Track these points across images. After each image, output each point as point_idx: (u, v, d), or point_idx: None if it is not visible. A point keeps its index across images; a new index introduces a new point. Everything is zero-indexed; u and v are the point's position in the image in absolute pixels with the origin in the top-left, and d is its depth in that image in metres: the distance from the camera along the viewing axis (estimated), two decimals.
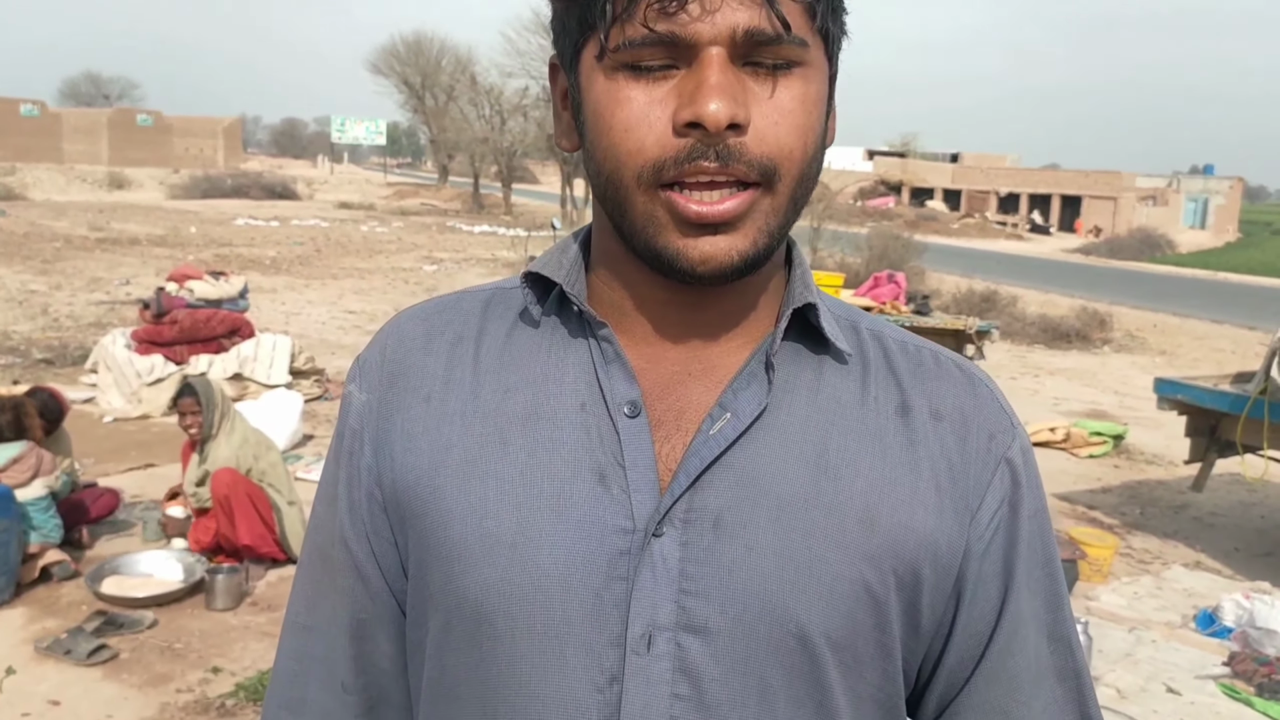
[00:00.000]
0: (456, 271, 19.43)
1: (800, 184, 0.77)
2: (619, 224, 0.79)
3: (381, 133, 69.23)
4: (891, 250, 17.31)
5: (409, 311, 0.93)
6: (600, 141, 0.77)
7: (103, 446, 6.83)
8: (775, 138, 0.74)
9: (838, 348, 0.84)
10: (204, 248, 21.22)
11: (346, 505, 0.89)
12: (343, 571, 0.90)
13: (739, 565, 0.78)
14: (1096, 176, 49.65)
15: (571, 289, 0.84)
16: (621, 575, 0.78)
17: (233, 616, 4.48)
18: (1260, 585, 5.22)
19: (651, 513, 0.78)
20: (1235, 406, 6.02)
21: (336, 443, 0.91)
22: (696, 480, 0.79)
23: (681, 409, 0.82)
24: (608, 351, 0.83)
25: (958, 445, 0.84)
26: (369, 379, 0.90)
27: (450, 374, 0.86)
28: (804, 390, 0.84)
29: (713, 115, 0.71)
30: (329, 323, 12.67)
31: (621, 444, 0.80)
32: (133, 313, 10.78)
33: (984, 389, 0.88)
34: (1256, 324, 17.25)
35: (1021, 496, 0.86)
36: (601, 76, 0.76)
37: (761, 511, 0.79)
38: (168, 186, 42.24)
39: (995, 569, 0.85)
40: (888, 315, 8.17)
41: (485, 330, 0.88)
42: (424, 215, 36.56)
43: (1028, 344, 14.00)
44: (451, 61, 50.04)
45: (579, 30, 0.77)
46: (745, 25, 0.71)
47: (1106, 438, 8.52)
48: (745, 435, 0.80)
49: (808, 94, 0.76)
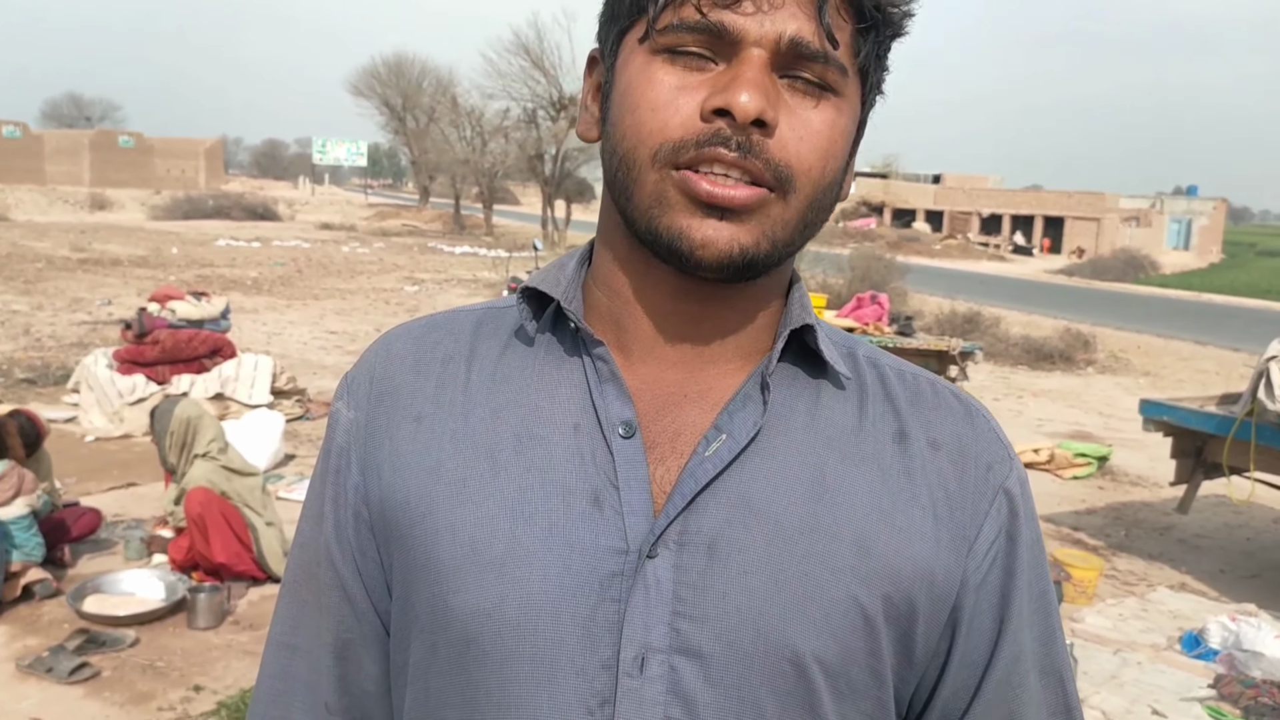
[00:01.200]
0: (438, 292, 19.40)
1: (812, 206, 0.77)
2: (624, 207, 0.78)
3: (362, 154, 69.33)
4: (874, 271, 17.38)
5: (399, 329, 0.92)
6: (624, 120, 0.77)
7: (84, 466, 6.78)
8: (797, 150, 0.74)
9: (835, 371, 0.84)
10: (185, 268, 21.14)
11: (333, 524, 0.88)
12: (328, 591, 0.88)
13: (733, 589, 0.77)
14: (1079, 197, 50.06)
15: (568, 305, 0.83)
16: (614, 597, 0.77)
17: (215, 635, 4.44)
18: (1246, 607, 5.23)
19: (645, 534, 0.77)
20: (1222, 428, 6.04)
21: (323, 460, 0.90)
22: (691, 503, 0.78)
23: (677, 431, 0.81)
24: (603, 371, 0.82)
25: (955, 475, 0.84)
26: (357, 397, 0.88)
27: (440, 394, 0.85)
28: (801, 414, 0.83)
29: (742, 105, 0.71)
30: (310, 343, 12.62)
31: (615, 465, 0.79)
32: (115, 333, 10.72)
33: (981, 419, 0.88)
34: (1241, 345, 17.36)
35: (1019, 527, 0.85)
36: (639, 59, 0.76)
37: (756, 535, 0.78)
38: (149, 207, 42.14)
39: (992, 600, 0.84)
40: (870, 336, 8.19)
41: (477, 350, 0.87)
42: (405, 236, 36.53)
43: (1011, 365, 14.06)
44: (432, 83, 50.19)
45: (629, 14, 0.77)
46: (792, 34, 0.72)
47: (1091, 459, 8.55)
48: (741, 458, 0.80)
49: (837, 123, 0.76)
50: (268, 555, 4.94)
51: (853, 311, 9.15)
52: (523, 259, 20.31)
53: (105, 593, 4.67)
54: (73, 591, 4.61)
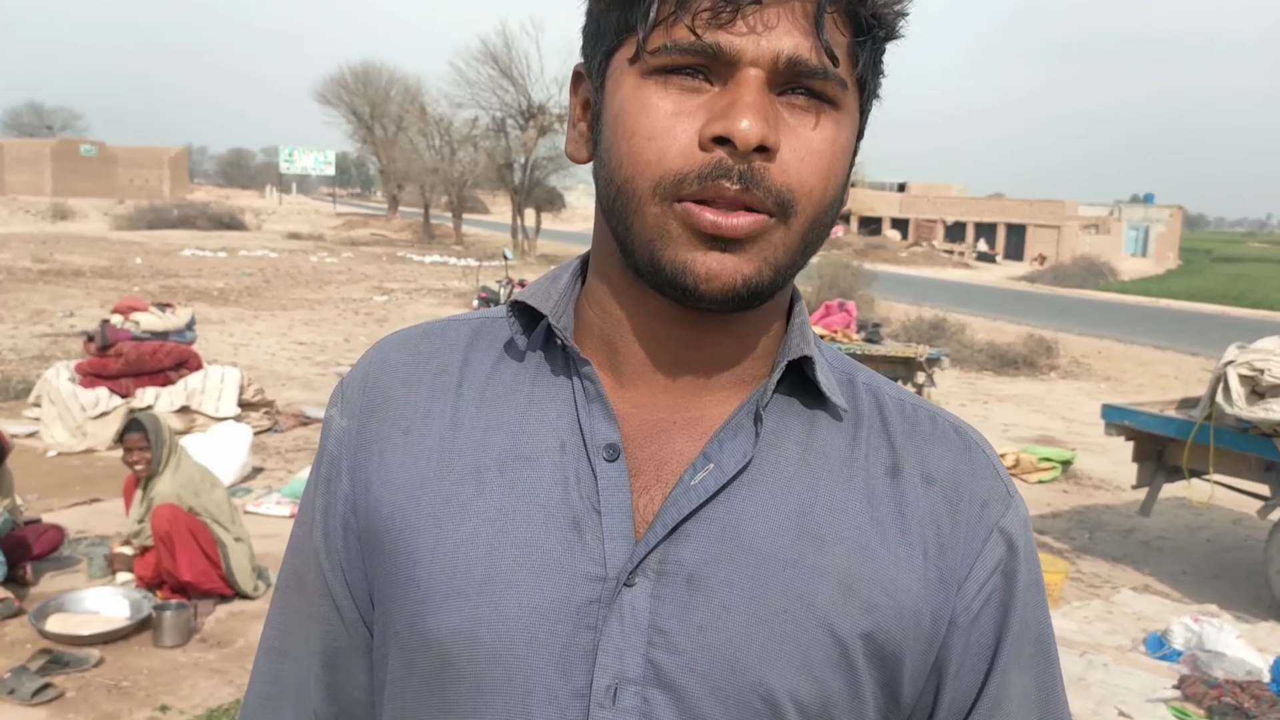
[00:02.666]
0: (407, 302, 19.30)
1: (813, 227, 0.75)
2: (623, 237, 0.76)
3: (330, 163, 68.90)
4: (842, 279, 17.48)
5: (395, 337, 0.91)
6: (619, 148, 0.74)
7: (46, 482, 6.68)
8: (799, 172, 0.72)
9: (833, 403, 0.82)
10: (150, 279, 20.89)
11: (322, 532, 0.87)
12: (317, 599, 0.88)
13: (710, 623, 0.75)
14: (1040, 205, 50.54)
15: (558, 322, 0.82)
16: (589, 624, 0.75)
17: (181, 653, 4.39)
18: (1208, 608, 5.31)
19: (624, 562, 0.76)
20: (1181, 432, 6.14)
21: (316, 467, 0.89)
22: (673, 532, 0.76)
23: (664, 459, 0.80)
24: (590, 391, 0.80)
25: (948, 512, 0.81)
26: (350, 404, 0.87)
27: (431, 406, 0.84)
28: (792, 445, 0.81)
29: (744, 133, 0.69)
30: (278, 354, 12.51)
31: (598, 489, 0.78)
32: (77, 345, 10.57)
33: (980, 455, 0.85)
34: (1198, 350, 17.60)
35: (1016, 567, 0.82)
36: (631, 81, 0.74)
37: (738, 569, 0.76)
38: (112, 217, 41.58)
39: (984, 641, 0.82)
40: (839, 344, 8.24)
41: (470, 362, 0.85)
42: (374, 245, 36.32)
43: (976, 371, 14.19)
44: (400, 92, 49.92)
45: (615, 33, 0.75)
46: (790, 52, 0.70)
47: (1055, 463, 8.64)
48: (727, 489, 0.78)
49: (838, 139, 0.74)
50: (236, 572, 4.90)
51: (821, 319, 9.21)
52: (493, 268, 20.22)
53: (69, 611, 4.60)
54: (35, 611, 4.54)
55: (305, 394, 10.02)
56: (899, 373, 8.35)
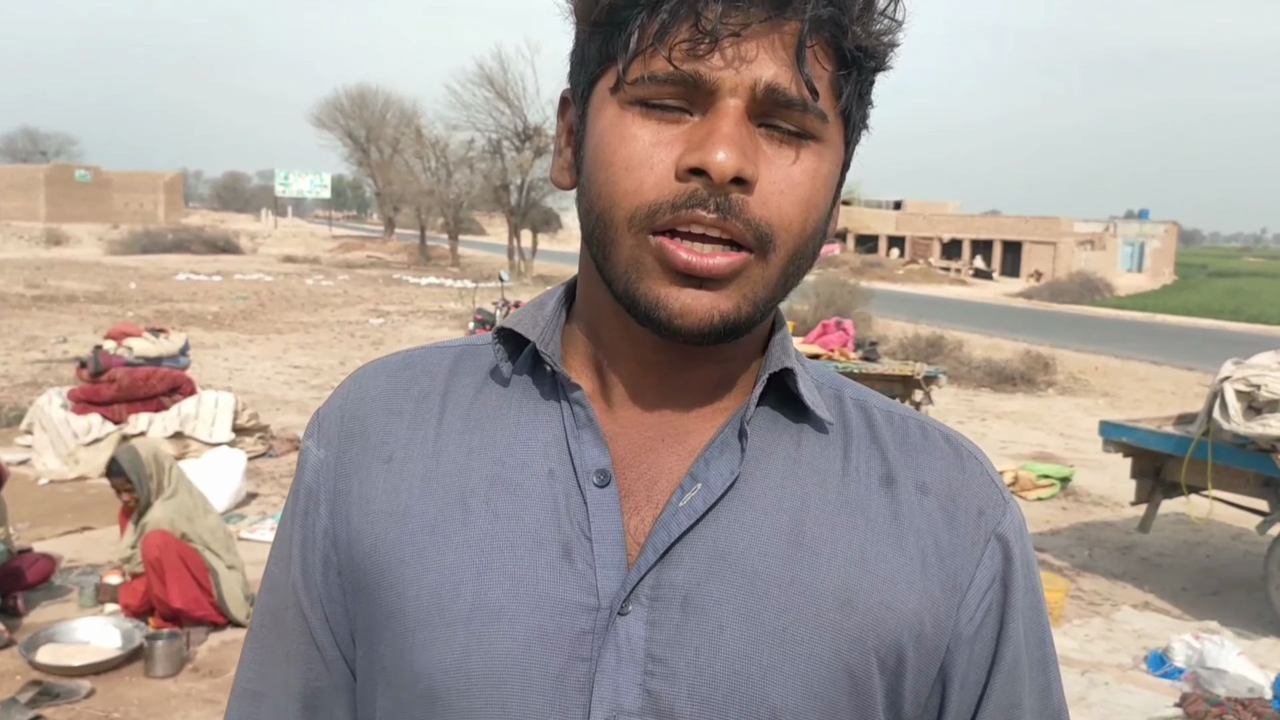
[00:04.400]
0: (403, 324, 19.29)
1: (794, 260, 0.74)
2: (602, 267, 0.76)
3: (326, 186, 69.09)
4: (838, 297, 17.50)
5: (373, 365, 0.89)
6: (597, 177, 0.74)
7: (38, 510, 6.64)
8: (778, 205, 0.71)
9: (817, 415, 0.81)
10: (144, 304, 20.89)
11: (300, 568, 0.84)
12: (296, 637, 0.85)
13: (708, 645, 0.74)
14: (1036, 222, 50.73)
15: (545, 347, 0.81)
16: (584, 656, 0.73)
17: (173, 683, 4.35)
18: (1209, 625, 5.28)
19: (617, 590, 0.74)
20: (1179, 448, 6.12)
21: (292, 500, 0.87)
22: (665, 555, 0.75)
23: (653, 479, 0.78)
24: (580, 416, 0.79)
25: (945, 521, 0.80)
26: (328, 435, 0.85)
27: (413, 434, 0.82)
28: (780, 460, 0.80)
29: (719, 164, 0.68)
30: (273, 378, 12.49)
31: (589, 515, 0.76)
32: (69, 371, 10.53)
33: (973, 462, 0.84)
34: (1195, 365, 17.61)
35: (1014, 574, 0.82)
36: (611, 111, 0.73)
37: (732, 588, 0.75)
38: (107, 242, 41.65)
39: (987, 651, 0.81)
40: (836, 363, 8.23)
41: (452, 388, 0.84)
42: (370, 268, 36.36)
43: (974, 388, 14.19)
44: (396, 114, 50.09)
45: (598, 61, 0.74)
46: (769, 82, 0.69)
47: (1054, 480, 8.63)
48: (717, 507, 0.76)
49: (819, 171, 0.73)
50: (229, 600, 4.85)
51: (818, 338, 9.20)
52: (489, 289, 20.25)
53: (59, 642, 4.56)
54: (25, 642, 4.49)
55: (300, 418, 9.99)
56: (897, 391, 8.34)
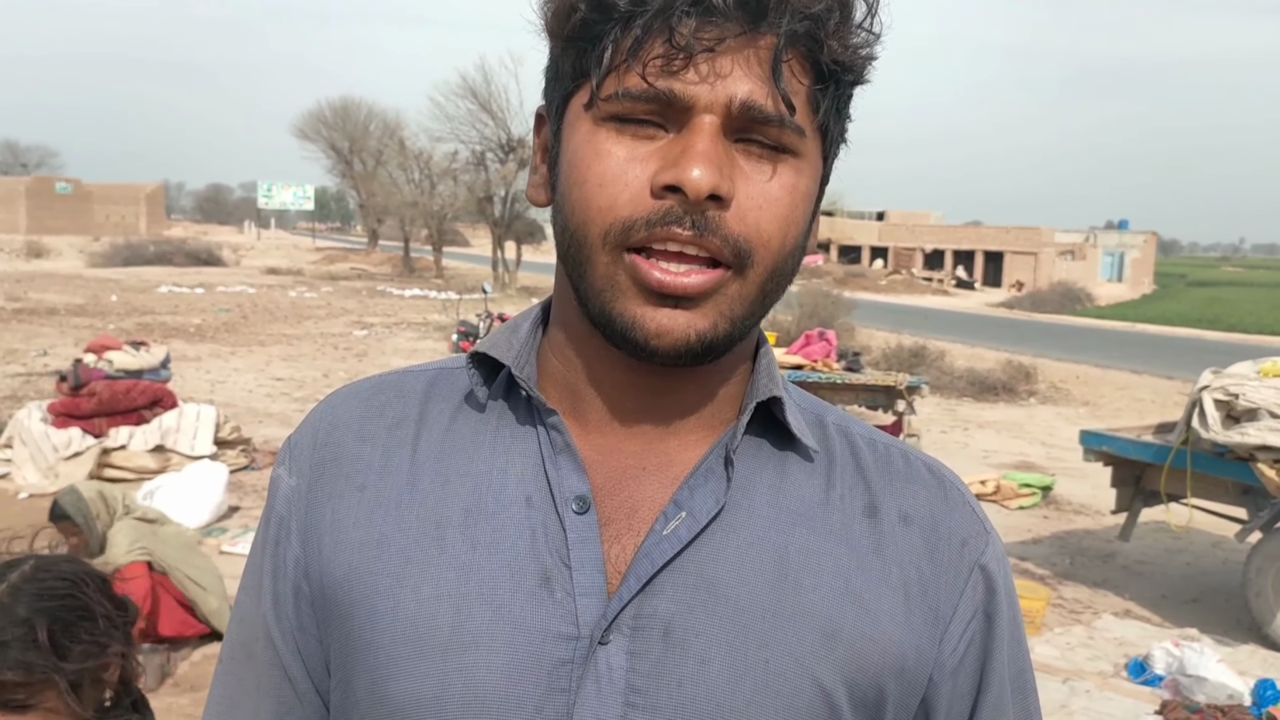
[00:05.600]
0: (387, 336, 19.24)
1: (773, 277, 0.73)
2: (578, 286, 0.74)
3: (309, 198, 68.93)
4: (822, 307, 17.54)
5: (346, 390, 0.88)
6: (572, 194, 0.73)
7: (17, 524, 6.54)
8: (756, 221, 0.70)
9: (803, 444, 0.80)
10: (125, 316, 20.77)
11: (271, 599, 0.82)
12: (267, 670, 0.83)
13: (690, 678, 0.72)
14: (1017, 233, 51.00)
15: (520, 371, 0.79)
16: (563, 687, 0.72)
17: (154, 699, 4.22)
18: (1189, 632, 5.30)
19: (597, 619, 0.73)
20: (1159, 457, 6.16)
21: (263, 529, 0.85)
22: (647, 584, 0.73)
23: (634, 506, 0.77)
24: (557, 441, 0.77)
25: (928, 551, 0.80)
26: (299, 462, 0.83)
27: (387, 461, 0.80)
28: (765, 489, 0.78)
29: (694, 181, 0.67)
30: (256, 390, 12.43)
31: (568, 543, 0.75)
32: (49, 385, 10.47)
33: (955, 493, 0.84)
34: (1174, 373, 17.72)
35: (997, 605, 0.81)
36: (585, 127, 0.72)
37: (716, 620, 0.74)
38: (88, 255, 41.41)
39: (970, 683, 0.80)
40: (820, 373, 8.25)
41: (427, 414, 0.82)
42: (353, 280, 36.26)
43: (956, 397, 14.24)
44: (379, 126, 50.10)
45: (572, 77, 0.73)
46: (744, 98, 0.68)
47: (1035, 489, 8.67)
48: (701, 536, 0.75)
49: (797, 186, 0.73)
50: (211, 618, 4.82)
51: (801, 349, 9.21)
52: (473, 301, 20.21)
53: None
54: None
55: (283, 431, 9.95)
56: (880, 401, 8.36)
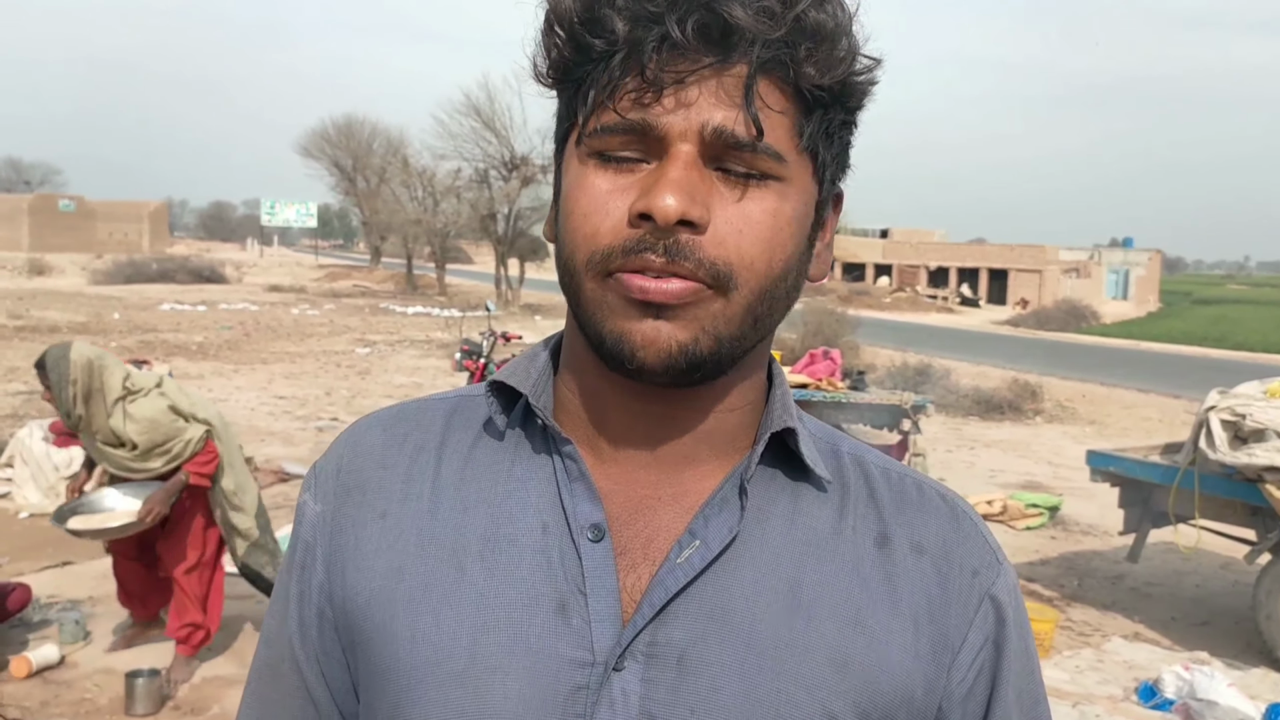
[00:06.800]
0: (390, 354, 19.24)
1: (761, 299, 0.74)
2: (575, 313, 0.77)
3: (312, 215, 69.17)
4: (826, 325, 17.52)
5: (369, 419, 0.90)
6: (565, 226, 0.76)
7: (17, 544, 6.56)
8: (736, 245, 0.72)
9: (817, 474, 0.81)
10: (128, 334, 20.79)
11: (297, 623, 0.85)
12: (292, 694, 0.85)
13: (701, 705, 0.74)
14: (1022, 250, 51.03)
15: (537, 401, 0.81)
16: (578, 712, 0.73)
17: None
18: (1199, 655, 5.25)
19: (612, 645, 0.74)
20: (1166, 478, 6.11)
21: (290, 553, 0.87)
22: (661, 612, 0.75)
23: (649, 536, 0.78)
24: (572, 470, 0.79)
25: (939, 581, 0.81)
26: (324, 489, 0.86)
27: (408, 489, 0.83)
28: (779, 519, 0.80)
29: (662, 209, 0.69)
30: (258, 409, 12.41)
31: (584, 570, 0.76)
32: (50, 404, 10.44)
33: (968, 522, 0.85)
34: (1181, 392, 17.66)
35: (1007, 635, 0.82)
36: (575, 164, 0.75)
37: (728, 649, 0.75)
38: (90, 272, 41.48)
39: (978, 712, 0.81)
40: (824, 392, 8.22)
41: (447, 441, 0.84)
42: (356, 297, 36.32)
43: (962, 416, 14.19)
44: (383, 144, 50.28)
45: (565, 117, 0.77)
46: (716, 124, 0.70)
47: (1042, 509, 8.61)
48: (715, 565, 0.77)
49: (780, 210, 0.74)
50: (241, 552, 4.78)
51: (805, 367, 9.18)
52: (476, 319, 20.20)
53: (85, 512, 4.59)
54: (55, 514, 4.60)
55: (285, 449, 9.92)
56: (884, 420, 8.33)
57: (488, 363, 9.45)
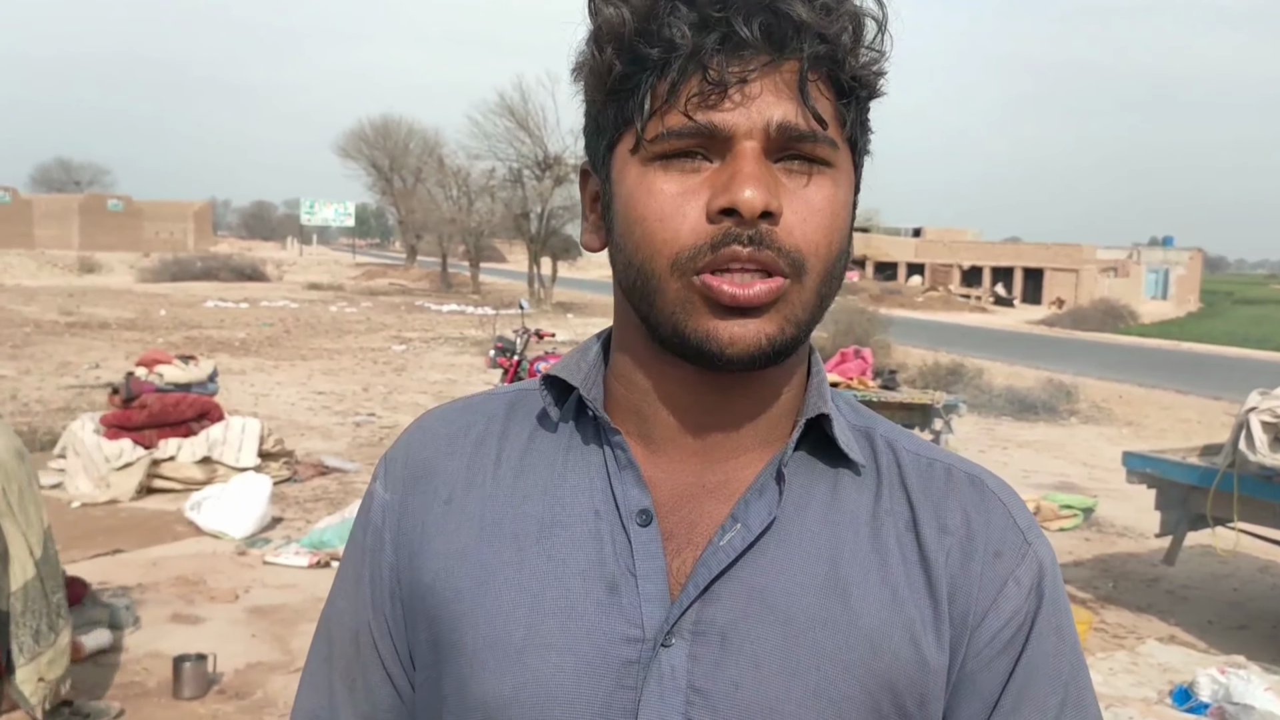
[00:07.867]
0: (425, 351, 19.41)
1: (826, 281, 0.79)
2: (646, 314, 0.80)
3: (350, 214, 69.70)
4: (857, 325, 17.45)
5: (435, 411, 0.95)
6: (632, 232, 0.78)
7: (69, 533, 6.70)
8: (804, 232, 0.76)
9: (851, 459, 0.85)
10: (174, 330, 21.12)
11: (370, 602, 0.90)
12: (370, 668, 0.91)
13: (745, 680, 0.78)
14: (1058, 249, 50.48)
15: (589, 394, 0.86)
16: (629, 685, 0.78)
17: (200, 705, 4.39)
18: (1235, 659, 5.22)
19: (661, 623, 0.79)
20: (1205, 480, 6.04)
21: (360, 538, 0.93)
22: (705, 591, 0.79)
23: (694, 522, 0.83)
24: (621, 459, 0.84)
25: (962, 561, 0.83)
26: (393, 478, 0.91)
27: (471, 477, 0.88)
28: (818, 504, 0.84)
29: (748, 201, 0.73)
30: (298, 404, 12.58)
31: (634, 553, 0.81)
32: (102, 397, 10.67)
33: (995, 503, 0.87)
34: (1221, 394, 17.38)
35: (1031, 614, 0.84)
36: (635, 170, 0.78)
37: (768, 627, 0.79)
38: (138, 270, 42.17)
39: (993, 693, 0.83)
40: (855, 391, 8.23)
41: (508, 432, 0.89)
42: (392, 295, 36.62)
43: (995, 416, 14.09)
44: (419, 144, 50.55)
45: (615, 126, 0.79)
46: (780, 119, 0.74)
47: (1076, 510, 8.55)
48: (755, 548, 0.81)
49: (836, 196, 0.78)
50: None
51: (836, 366, 9.19)
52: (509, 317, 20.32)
53: None
54: None
55: (324, 444, 10.07)
56: (916, 419, 8.33)
57: (521, 359, 9.53)
